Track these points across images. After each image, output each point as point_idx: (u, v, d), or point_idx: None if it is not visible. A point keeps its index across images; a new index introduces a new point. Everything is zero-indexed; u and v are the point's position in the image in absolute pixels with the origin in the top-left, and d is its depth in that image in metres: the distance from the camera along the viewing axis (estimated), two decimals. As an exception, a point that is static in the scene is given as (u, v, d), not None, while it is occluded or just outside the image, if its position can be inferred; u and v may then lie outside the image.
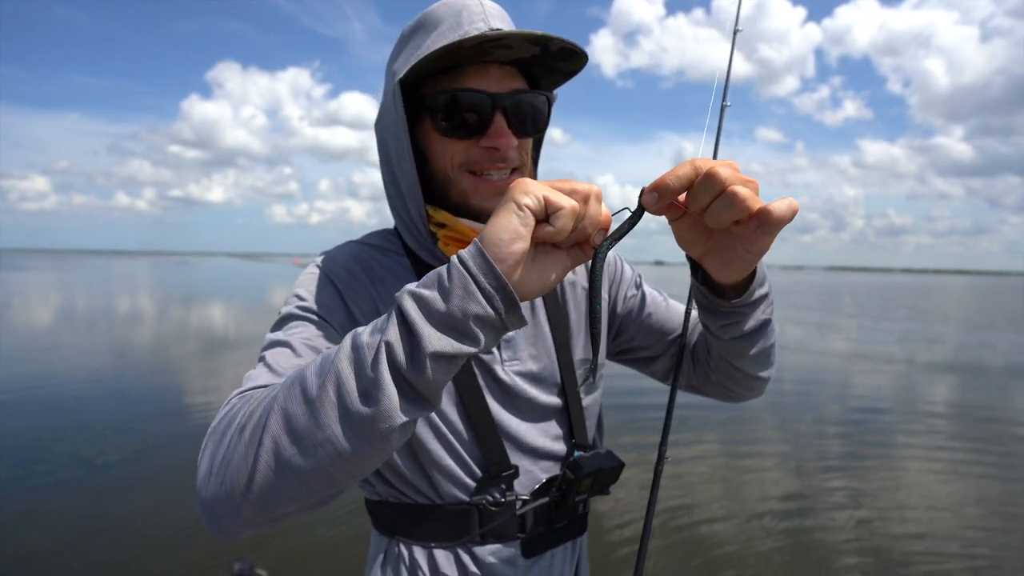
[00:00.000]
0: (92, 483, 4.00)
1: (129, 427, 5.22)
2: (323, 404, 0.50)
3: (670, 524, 3.73)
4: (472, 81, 0.72)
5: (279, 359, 0.67)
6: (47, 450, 4.58)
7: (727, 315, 0.72)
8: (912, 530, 3.68)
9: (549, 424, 0.86)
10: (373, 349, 0.50)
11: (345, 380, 0.50)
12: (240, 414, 0.57)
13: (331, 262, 0.79)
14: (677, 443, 5.30)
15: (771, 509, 3.94)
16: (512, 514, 0.80)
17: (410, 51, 0.74)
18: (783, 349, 11.05)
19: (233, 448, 0.54)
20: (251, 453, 0.53)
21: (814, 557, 3.34)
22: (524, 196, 0.50)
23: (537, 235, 0.51)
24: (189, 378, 7.56)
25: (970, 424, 6.33)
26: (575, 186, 0.52)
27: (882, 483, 4.46)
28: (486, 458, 0.80)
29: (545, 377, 0.85)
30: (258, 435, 0.53)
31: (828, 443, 5.46)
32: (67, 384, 7.03)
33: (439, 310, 0.49)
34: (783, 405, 7.05)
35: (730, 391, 0.89)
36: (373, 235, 0.87)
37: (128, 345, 10.48)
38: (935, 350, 12.19)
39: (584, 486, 0.83)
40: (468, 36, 0.69)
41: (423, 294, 0.50)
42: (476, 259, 0.50)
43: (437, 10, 0.74)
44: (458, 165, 0.74)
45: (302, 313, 0.73)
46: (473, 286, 0.49)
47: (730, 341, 0.76)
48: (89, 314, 15.83)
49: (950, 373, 9.49)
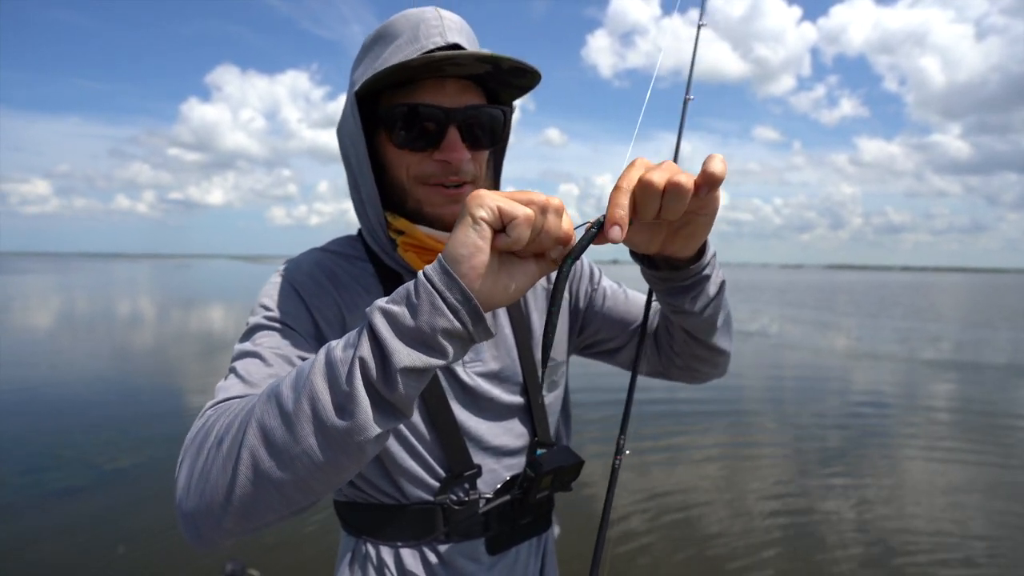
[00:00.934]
0: (104, 490, 4.03)
1: (138, 432, 5.27)
2: (299, 418, 0.52)
3: (668, 518, 3.76)
4: (427, 95, 0.74)
5: (250, 369, 0.68)
6: (57, 457, 4.62)
7: (692, 286, 0.73)
8: (912, 524, 3.73)
9: (511, 423, 0.87)
10: (347, 365, 0.51)
11: (320, 395, 0.51)
12: (217, 426, 0.58)
13: (295, 271, 0.81)
14: (674, 438, 5.36)
15: (770, 504, 3.98)
16: (475, 512, 0.82)
17: (369, 62, 0.76)
18: (785, 347, 11.25)
19: (212, 461, 0.56)
20: (230, 466, 0.54)
21: (814, 550, 3.38)
22: (479, 208, 0.51)
23: (495, 245, 0.52)
24: (195, 381, 7.61)
25: (970, 420, 6.37)
26: (532, 196, 0.52)
27: (882, 478, 4.50)
28: (448, 458, 0.81)
29: (507, 377, 0.87)
30: (236, 448, 0.54)
31: (828, 439, 5.50)
32: (73, 389, 7.08)
33: (408, 326, 0.51)
34: (783, 402, 7.11)
35: (697, 371, 0.91)
36: (336, 242, 0.88)
37: (133, 349, 10.53)
38: (934, 347, 12.23)
39: (545, 483, 0.84)
40: (420, 54, 0.71)
41: (392, 310, 0.52)
42: (440, 275, 0.51)
43: (396, 22, 0.76)
44: (413, 177, 0.76)
45: (268, 323, 0.74)
46: (440, 301, 0.51)
47: (700, 313, 0.76)
48: (92, 318, 15.87)
49: (950, 370, 9.53)
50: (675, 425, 5.80)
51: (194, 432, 0.61)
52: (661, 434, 5.48)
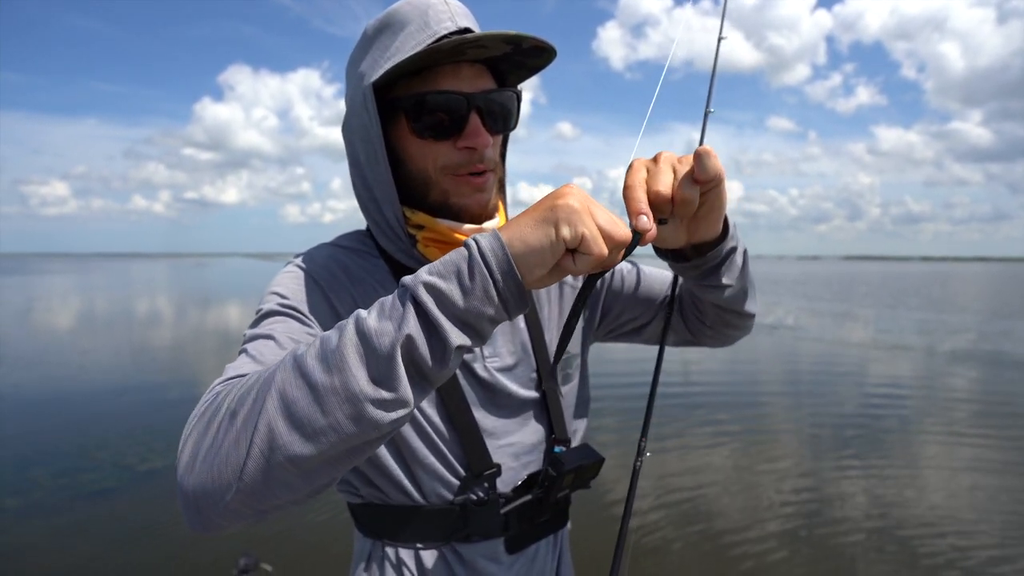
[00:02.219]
0: (138, 491, 4.04)
1: (170, 433, 5.26)
2: (329, 391, 0.49)
3: (684, 513, 3.75)
4: (445, 82, 0.72)
5: (263, 350, 0.65)
6: (90, 458, 4.65)
7: (722, 263, 0.75)
8: (933, 517, 3.71)
9: (528, 419, 0.86)
10: (387, 338, 0.49)
11: (353, 368, 0.49)
12: (229, 399, 0.54)
13: (310, 262, 0.79)
14: (690, 432, 5.36)
15: (787, 499, 3.96)
16: (496, 512, 0.81)
17: (377, 52, 0.73)
18: (805, 339, 11.09)
19: (223, 434, 0.51)
20: (244, 438, 0.50)
21: (832, 547, 3.35)
22: (566, 226, 0.50)
23: (558, 263, 0.52)
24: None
25: (992, 414, 6.27)
26: (613, 234, 0.52)
27: (901, 473, 4.47)
28: (468, 457, 0.80)
29: (523, 371, 0.86)
30: (253, 420, 0.50)
31: (846, 432, 5.45)
32: (103, 389, 7.15)
33: (458, 306, 0.50)
34: (800, 394, 7.07)
35: (727, 336, 0.93)
36: (345, 237, 0.86)
37: (159, 349, 10.62)
38: (955, 339, 12.00)
39: (566, 482, 0.83)
40: (442, 37, 0.70)
41: (440, 287, 0.50)
42: (502, 265, 0.50)
43: (401, 9, 0.73)
44: (441, 168, 0.74)
45: (283, 309, 0.71)
46: (494, 291, 0.50)
47: (731, 286, 0.78)
48: (118, 318, 16.08)
49: (971, 363, 9.36)
50: (693, 417, 5.81)
51: (202, 407, 0.56)
52: (678, 427, 5.49)
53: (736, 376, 8.27)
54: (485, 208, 0.76)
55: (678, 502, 3.93)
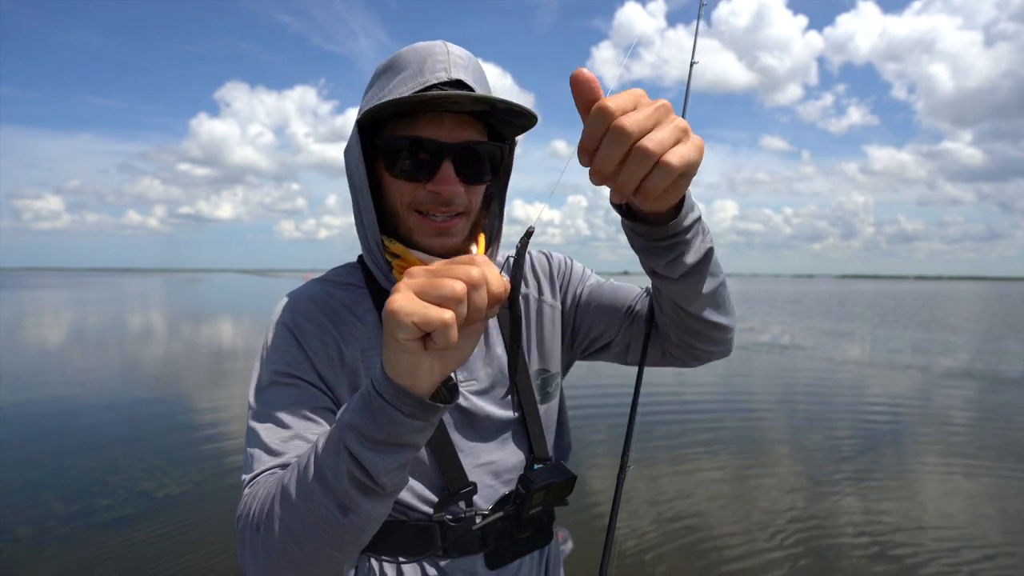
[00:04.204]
0: (157, 520, 3.86)
1: (183, 458, 5.09)
2: (315, 523, 0.61)
3: (677, 532, 3.75)
4: (425, 129, 0.76)
5: (271, 437, 0.74)
6: (105, 483, 4.46)
7: (668, 249, 0.71)
8: (927, 536, 3.73)
9: (506, 439, 0.90)
10: (339, 478, 0.58)
11: (322, 506, 0.60)
12: (254, 511, 0.67)
13: (292, 313, 0.84)
14: (685, 452, 5.38)
15: (782, 519, 3.96)
16: (470, 529, 0.85)
17: (376, 91, 0.80)
18: (806, 358, 11.02)
19: (257, 545, 0.65)
20: (271, 551, 0.64)
21: (826, 567, 3.35)
22: (398, 329, 0.50)
23: (428, 348, 0.52)
24: (237, 401, 7.47)
25: (988, 435, 6.25)
26: (443, 289, 0.50)
27: (896, 494, 4.45)
28: (445, 477, 0.84)
29: (500, 393, 0.90)
30: (271, 538, 0.63)
31: (841, 452, 5.45)
32: (109, 408, 6.95)
33: (376, 437, 0.57)
34: (796, 413, 7.06)
35: (695, 348, 0.87)
36: (335, 271, 0.91)
37: (162, 367, 10.40)
38: (950, 358, 11.98)
39: (537, 499, 0.86)
40: (432, 86, 0.75)
41: (358, 425, 0.57)
42: (389, 390, 0.55)
43: (405, 55, 0.79)
44: (406, 204, 0.80)
45: (276, 378, 0.78)
46: (397, 415, 0.56)
47: (681, 280, 0.74)
48: (118, 334, 15.82)
49: (967, 382, 9.33)
50: (683, 438, 5.80)
51: (240, 510, 0.69)
52: (670, 444, 5.55)
53: (730, 394, 8.28)
54: (449, 251, 0.81)
55: (670, 519, 3.94)
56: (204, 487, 4.42)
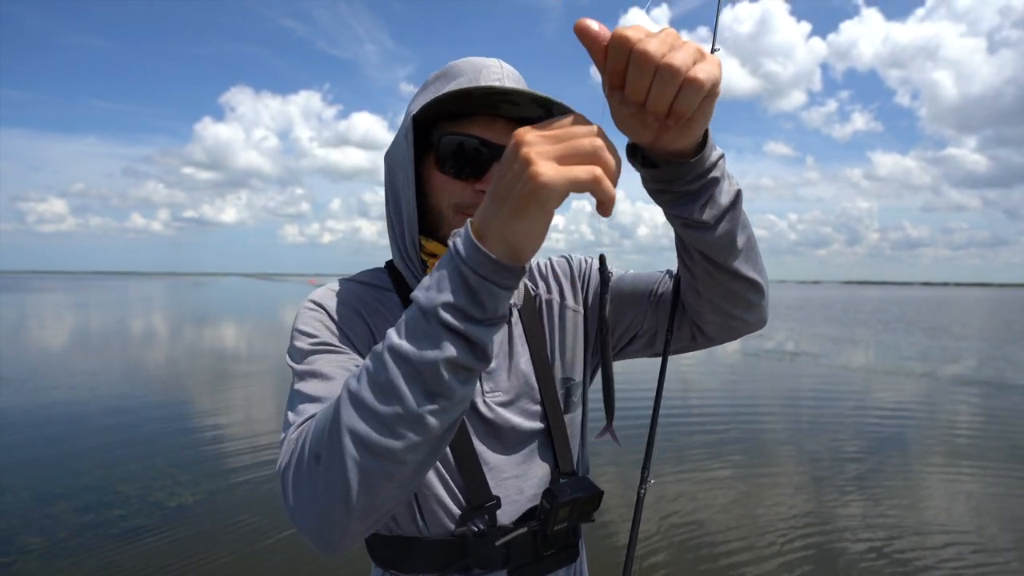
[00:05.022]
0: (171, 530, 3.75)
1: (195, 465, 4.99)
2: (394, 419, 0.55)
3: (682, 541, 3.72)
4: (478, 130, 0.78)
5: (317, 388, 0.71)
6: (117, 493, 4.35)
7: (700, 192, 0.68)
8: (934, 548, 3.69)
9: (533, 452, 0.88)
10: (431, 357, 0.54)
11: (409, 393, 0.54)
12: (308, 444, 0.60)
13: (326, 299, 0.83)
14: (691, 460, 5.35)
15: (788, 528, 3.93)
16: (493, 544, 0.82)
17: (428, 93, 0.80)
18: (815, 364, 10.88)
19: (317, 478, 0.58)
20: (337, 477, 0.56)
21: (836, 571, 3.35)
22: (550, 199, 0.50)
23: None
24: (247, 407, 7.36)
25: (993, 439, 6.24)
26: (582, 147, 0.50)
27: (902, 502, 4.43)
28: (468, 489, 0.82)
29: (526, 404, 0.88)
30: (338, 459, 0.56)
31: (848, 464, 5.39)
32: (117, 413, 6.85)
33: (477, 316, 0.54)
34: (800, 420, 7.05)
35: (731, 316, 0.82)
36: (364, 273, 0.91)
37: (170, 372, 10.32)
38: (957, 365, 11.88)
39: (562, 515, 0.83)
40: (479, 86, 0.74)
41: (456, 304, 0.54)
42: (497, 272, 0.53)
43: (460, 64, 0.81)
44: (452, 204, 0.80)
45: (316, 347, 0.76)
46: (502, 293, 0.55)
47: (716, 227, 0.71)
48: (124, 338, 15.76)
49: (973, 389, 9.25)
50: (690, 446, 5.75)
51: (287, 457, 0.63)
52: (679, 453, 5.51)
53: (738, 401, 8.23)
54: None
55: (677, 525, 3.92)
56: (217, 496, 4.30)
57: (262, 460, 5.07)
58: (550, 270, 0.99)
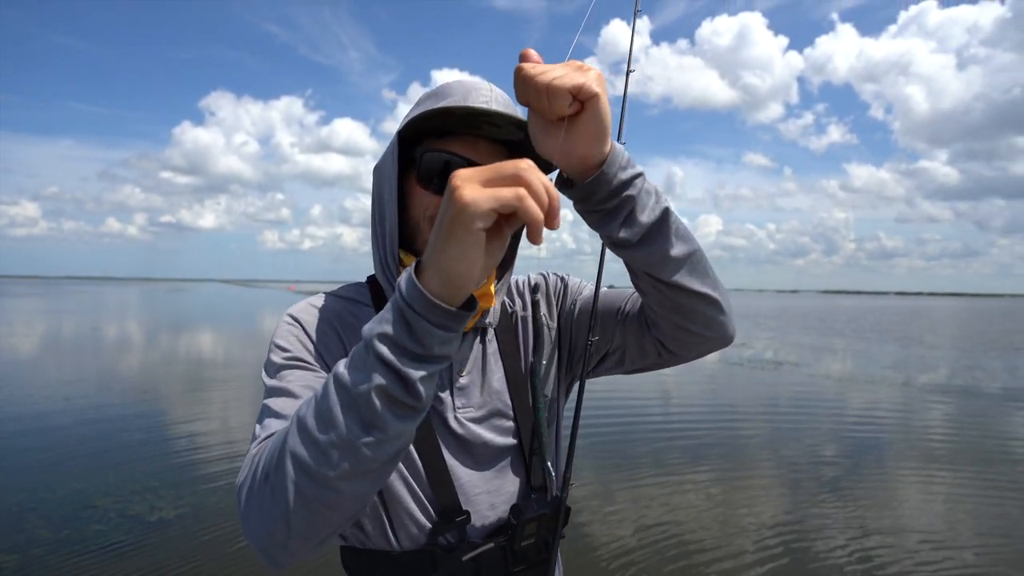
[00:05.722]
0: (151, 545, 3.64)
1: (174, 478, 4.85)
2: (328, 446, 0.57)
3: (655, 541, 3.79)
4: (459, 148, 0.81)
5: (284, 406, 0.73)
6: (94, 507, 4.20)
7: (618, 208, 0.72)
8: (906, 549, 3.79)
9: (504, 468, 0.89)
10: (364, 388, 0.56)
11: (343, 421, 0.56)
12: (261, 463, 0.63)
13: (304, 313, 0.85)
14: (669, 469, 5.40)
15: (766, 535, 3.97)
16: (461, 559, 0.82)
17: (416, 111, 0.83)
18: (794, 370, 11.03)
19: (263, 496, 0.61)
20: (280, 499, 0.59)
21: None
22: (475, 219, 0.53)
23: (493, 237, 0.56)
24: (230, 417, 7.21)
25: (969, 448, 6.37)
26: (505, 171, 0.54)
27: (879, 509, 4.51)
28: (439, 503, 0.83)
29: (499, 421, 0.89)
30: (281, 482, 0.59)
31: (823, 468, 5.51)
32: (94, 423, 6.65)
33: (411, 350, 0.56)
34: (778, 429, 7.09)
35: (688, 331, 0.82)
36: (345, 288, 0.93)
37: (147, 381, 10.06)
38: (932, 374, 12.13)
39: (528, 530, 0.85)
40: (460, 106, 0.77)
41: (392, 336, 0.56)
42: (427, 309, 0.55)
43: (452, 85, 0.84)
44: (428, 217, 0.82)
45: (288, 362, 0.79)
46: (430, 327, 0.56)
47: (643, 245, 0.74)
48: (99, 346, 15.35)
49: (948, 396, 9.47)
50: (668, 456, 5.82)
51: (246, 471, 0.66)
52: (656, 460, 5.60)
53: (716, 408, 8.32)
54: None
55: (651, 527, 4.01)
56: (199, 509, 4.19)
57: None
58: (527, 287, 1.01)
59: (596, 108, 0.64)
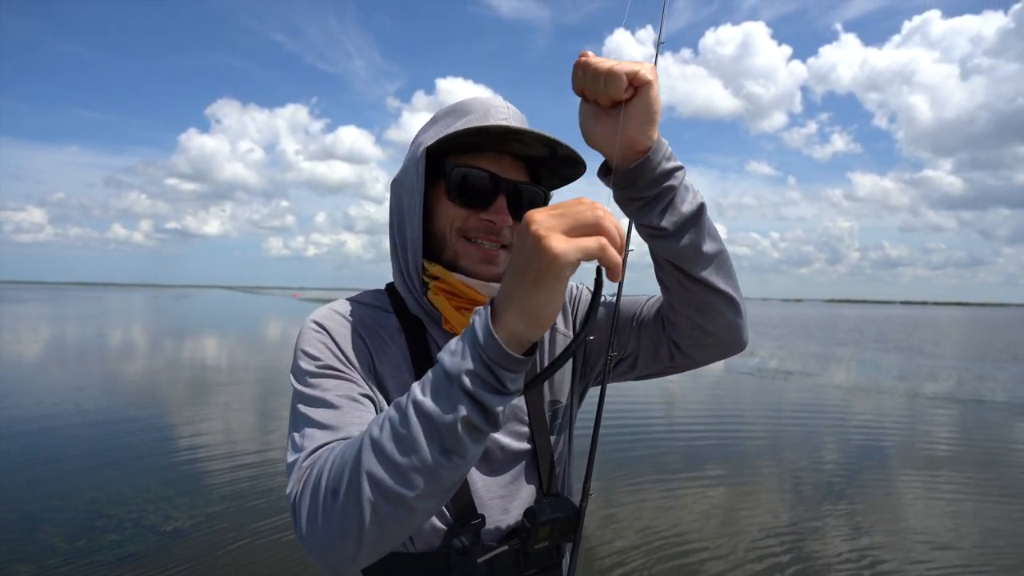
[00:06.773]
0: (168, 556, 3.63)
1: (191, 486, 4.85)
2: (410, 469, 0.60)
3: (658, 547, 3.80)
4: (488, 164, 0.85)
5: (325, 415, 0.74)
6: (109, 517, 4.21)
7: (659, 196, 0.77)
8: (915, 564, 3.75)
9: (518, 473, 0.91)
10: (450, 418, 0.59)
11: (426, 447, 0.59)
12: (324, 477, 0.65)
13: (329, 320, 0.86)
14: (672, 475, 5.41)
15: (768, 542, 3.97)
16: (475, 562, 0.84)
17: (439, 128, 0.86)
18: (804, 379, 10.98)
19: (333, 510, 0.62)
20: (354, 514, 0.61)
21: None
22: (565, 268, 0.55)
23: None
24: (244, 424, 7.22)
25: (973, 457, 6.38)
26: (585, 219, 0.57)
27: (881, 516, 4.52)
28: (454, 507, 0.84)
29: (514, 426, 0.91)
30: (355, 499, 0.61)
31: (828, 476, 5.52)
32: (106, 431, 6.65)
33: (497, 388, 0.59)
34: (781, 436, 7.11)
35: (705, 331, 0.86)
36: (364, 294, 0.95)
37: (158, 388, 10.08)
38: (936, 383, 12.08)
39: (542, 534, 0.86)
40: (494, 125, 0.81)
41: (482, 376, 0.59)
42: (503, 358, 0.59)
43: (469, 102, 0.87)
44: (456, 229, 0.85)
45: (319, 370, 0.79)
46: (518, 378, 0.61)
47: (678, 235, 0.78)
48: (109, 352, 15.40)
49: (952, 405, 9.46)
50: (670, 462, 5.85)
51: (300, 483, 0.67)
52: (657, 469, 5.60)
53: (720, 415, 8.34)
54: (494, 279, 0.86)
55: (654, 532, 4.03)
56: (215, 519, 4.19)
57: (265, 484, 4.96)
58: None
59: (648, 95, 0.71)
